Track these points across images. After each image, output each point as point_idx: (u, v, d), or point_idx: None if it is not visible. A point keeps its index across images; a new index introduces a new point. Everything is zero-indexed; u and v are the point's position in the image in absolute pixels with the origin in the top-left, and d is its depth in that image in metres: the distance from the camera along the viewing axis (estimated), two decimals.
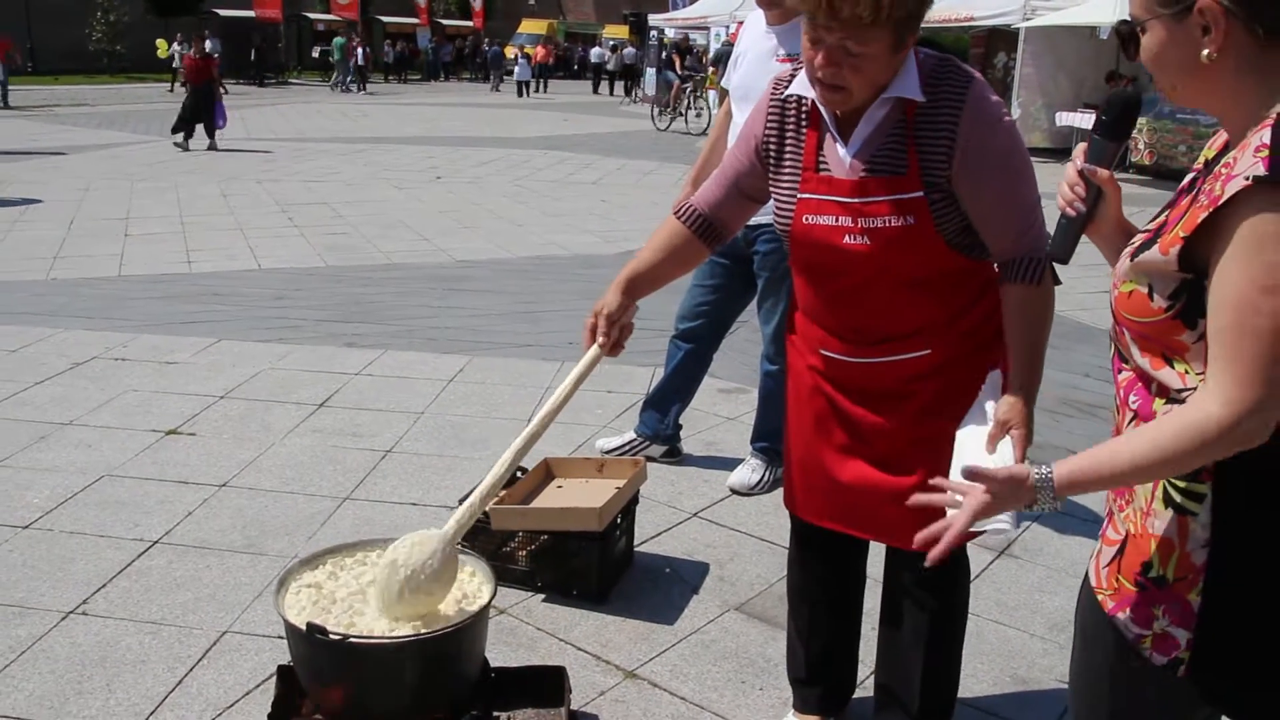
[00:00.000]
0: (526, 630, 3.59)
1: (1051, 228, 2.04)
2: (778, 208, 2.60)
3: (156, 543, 4.07)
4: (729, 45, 29.14)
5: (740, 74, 4.49)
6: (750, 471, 4.74)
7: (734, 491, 4.70)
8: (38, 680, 3.22)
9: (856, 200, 2.42)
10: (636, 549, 4.11)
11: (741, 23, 4.81)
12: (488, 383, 6.07)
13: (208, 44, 20.66)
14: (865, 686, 3.21)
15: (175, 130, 18.64)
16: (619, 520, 3.87)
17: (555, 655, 3.43)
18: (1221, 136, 1.76)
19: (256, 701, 3.15)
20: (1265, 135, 1.52)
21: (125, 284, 8.48)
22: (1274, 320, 1.50)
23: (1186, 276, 1.60)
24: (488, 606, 2.72)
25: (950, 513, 1.85)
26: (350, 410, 5.57)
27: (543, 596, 3.79)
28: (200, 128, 18.64)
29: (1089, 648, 1.88)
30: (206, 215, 11.86)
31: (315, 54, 50.13)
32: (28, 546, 4.02)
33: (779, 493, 4.65)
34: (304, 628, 2.50)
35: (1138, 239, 1.73)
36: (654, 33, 35.85)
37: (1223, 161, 1.58)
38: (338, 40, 42.55)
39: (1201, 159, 1.79)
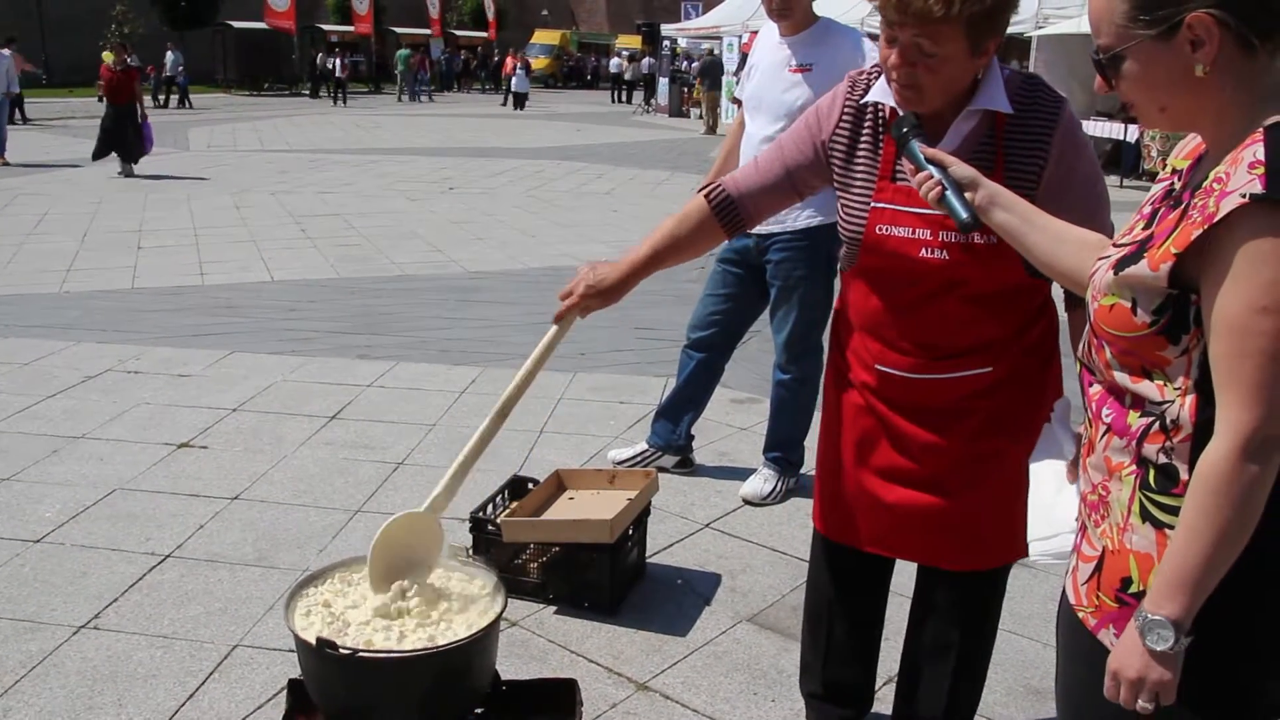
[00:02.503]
0: (538, 642, 3.57)
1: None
2: (846, 214, 2.54)
3: (168, 556, 4.07)
4: (713, 58, 29.56)
5: (754, 85, 4.49)
6: (763, 482, 4.72)
7: (746, 502, 4.68)
8: (48, 696, 3.22)
9: (940, 213, 2.34)
10: (648, 560, 4.10)
11: (755, 33, 4.80)
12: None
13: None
14: (883, 699, 3.19)
15: (97, 155, 16.34)
16: (630, 532, 3.86)
17: (567, 667, 3.41)
18: (1190, 145, 1.74)
19: (268, 715, 3.14)
20: (1259, 151, 1.50)
21: (138, 296, 8.52)
22: (1270, 341, 1.48)
23: (1172, 292, 1.58)
24: (498, 619, 2.70)
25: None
26: (362, 422, 5.57)
27: (554, 609, 3.77)
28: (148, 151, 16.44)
29: (1073, 664, 1.86)
30: (219, 227, 11.91)
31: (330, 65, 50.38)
32: (39, 560, 4.02)
33: (792, 503, 4.67)
34: (314, 642, 2.50)
35: (1117, 252, 1.70)
36: (666, 42, 35.95)
37: (1214, 176, 1.55)
38: (402, 53, 42.97)
39: (1170, 167, 1.77)
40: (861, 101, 2.52)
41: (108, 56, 17.26)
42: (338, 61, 39.06)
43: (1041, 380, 2.59)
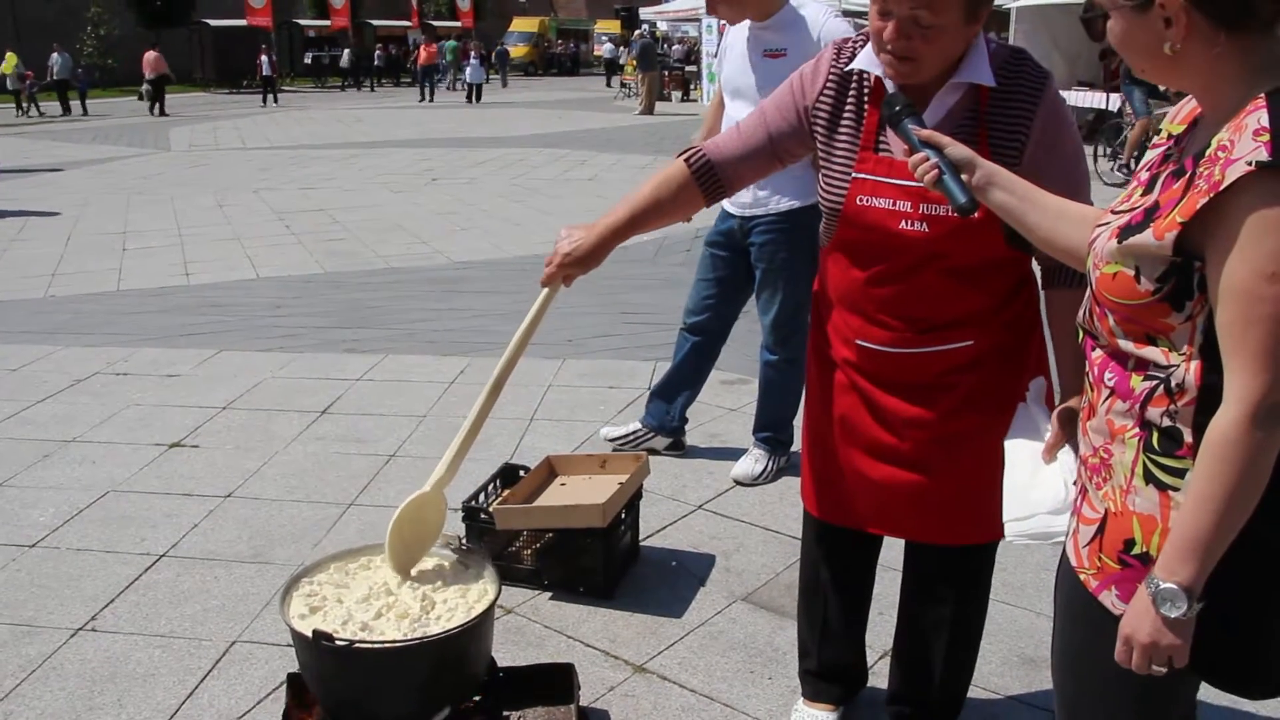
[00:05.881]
0: (534, 629, 3.59)
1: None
2: (827, 184, 2.51)
3: (163, 556, 4.08)
4: (646, 39, 29.99)
5: (729, 69, 4.51)
6: (754, 462, 4.74)
7: (738, 482, 4.70)
8: (49, 698, 3.23)
9: (919, 185, 2.30)
10: (642, 543, 4.12)
11: None
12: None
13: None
14: (876, 673, 3.22)
15: None
16: (623, 515, 3.87)
17: (564, 653, 3.43)
18: (1185, 110, 1.76)
19: (268, 710, 3.16)
20: (1263, 117, 1.51)
21: (124, 298, 8.50)
22: (1278, 308, 1.49)
23: (1176, 260, 1.59)
24: (493, 607, 2.72)
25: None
26: (353, 416, 5.58)
27: (550, 594, 3.79)
28: None
29: (1074, 626, 1.88)
30: (204, 226, 11.87)
31: (308, 60, 50.25)
32: (35, 565, 4.03)
33: (783, 482, 4.69)
34: (310, 635, 2.51)
35: (1118, 219, 1.71)
36: (645, 26, 35.89)
37: (1218, 143, 1.56)
38: (450, 44, 43.55)
39: (1165, 132, 1.78)
40: (846, 69, 2.48)
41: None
42: (265, 59, 36.42)
43: (1022, 354, 2.58)
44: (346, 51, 45.24)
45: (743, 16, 4.39)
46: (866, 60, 2.43)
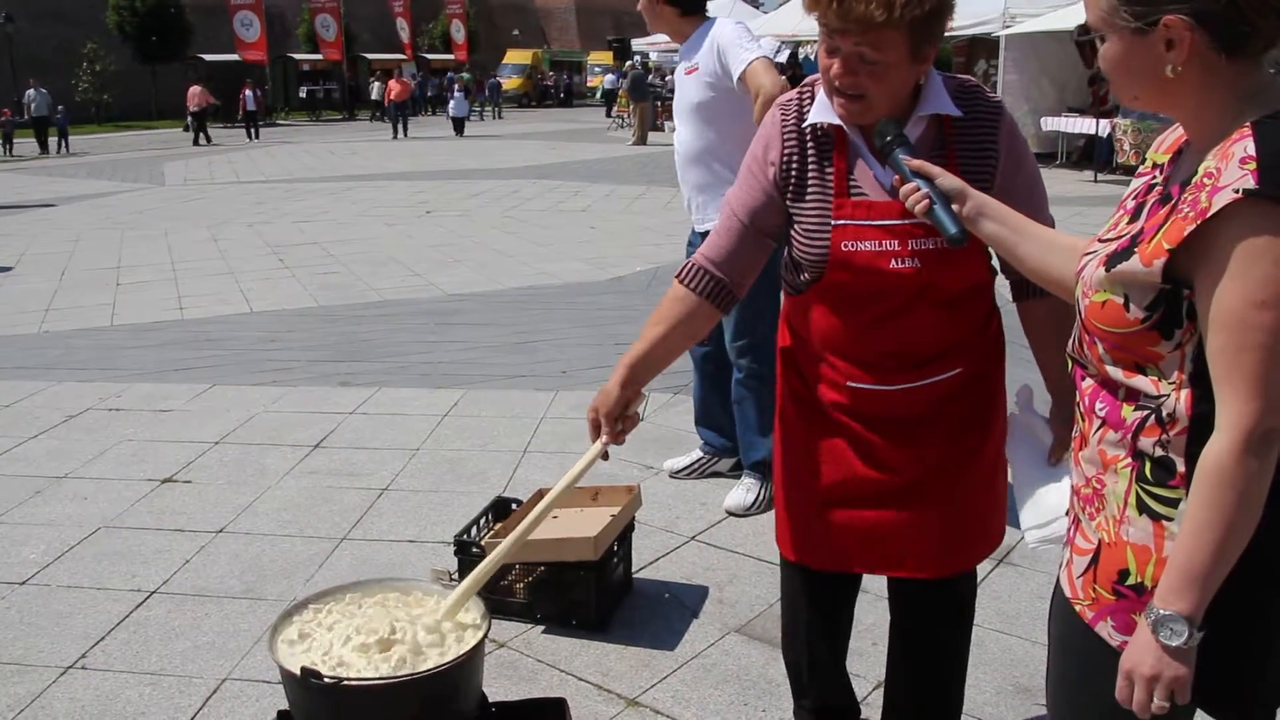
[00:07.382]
0: (527, 663, 3.58)
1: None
2: (804, 237, 2.47)
3: (154, 592, 4.07)
4: (638, 70, 30.43)
5: (676, 95, 4.78)
6: (745, 492, 4.73)
7: (730, 513, 4.69)
8: None
9: (905, 222, 2.32)
10: (635, 575, 4.10)
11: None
12: (483, 416, 6.07)
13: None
14: (870, 705, 3.20)
15: None
16: (615, 547, 3.87)
17: (556, 687, 3.42)
18: (1170, 139, 1.77)
19: None
20: (1249, 146, 1.51)
21: (117, 333, 8.50)
22: (1268, 335, 1.50)
23: (1165, 287, 1.59)
24: (482, 642, 2.70)
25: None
26: (346, 450, 5.57)
27: (542, 628, 3.78)
28: None
29: (1068, 657, 1.87)
30: (197, 260, 11.90)
31: (303, 94, 50.51)
32: (25, 603, 4.01)
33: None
34: (298, 672, 2.50)
35: (1105, 247, 1.72)
36: (637, 57, 36.08)
37: (1204, 170, 1.56)
38: (464, 76, 46.18)
39: (1149, 161, 1.79)
40: (804, 126, 2.47)
41: None
42: (249, 94, 35.57)
43: (1000, 373, 2.63)
44: (376, 84, 45.82)
45: (659, 30, 4.71)
46: (821, 112, 2.43)
